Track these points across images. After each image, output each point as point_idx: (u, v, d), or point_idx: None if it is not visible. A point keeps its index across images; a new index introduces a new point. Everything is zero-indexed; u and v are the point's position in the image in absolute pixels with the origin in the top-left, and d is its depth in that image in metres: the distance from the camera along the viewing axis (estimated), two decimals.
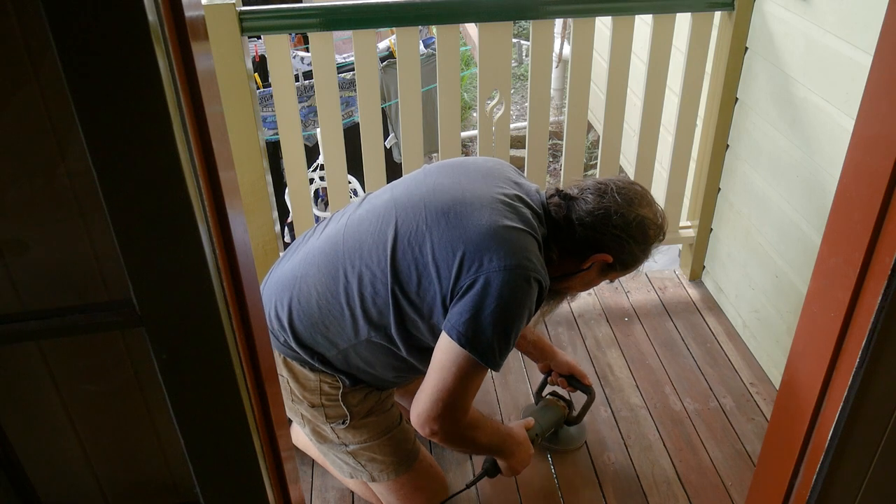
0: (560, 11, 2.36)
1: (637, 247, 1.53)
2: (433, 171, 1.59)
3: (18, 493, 0.98)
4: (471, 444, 1.57)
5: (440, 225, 1.43)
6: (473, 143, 5.07)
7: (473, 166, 1.59)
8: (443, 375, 1.40)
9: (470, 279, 1.37)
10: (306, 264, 1.55)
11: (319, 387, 1.58)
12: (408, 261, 1.44)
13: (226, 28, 1.93)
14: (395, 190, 1.57)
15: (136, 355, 0.89)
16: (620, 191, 1.52)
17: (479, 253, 1.38)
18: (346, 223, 1.56)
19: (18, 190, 0.75)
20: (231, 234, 0.82)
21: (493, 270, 1.36)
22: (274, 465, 1.02)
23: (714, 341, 2.38)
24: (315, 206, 3.26)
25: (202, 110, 0.74)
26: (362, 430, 1.63)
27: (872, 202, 0.99)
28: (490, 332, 1.36)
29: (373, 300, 1.47)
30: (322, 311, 1.51)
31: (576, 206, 1.53)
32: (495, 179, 1.53)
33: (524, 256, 1.39)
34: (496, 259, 1.37)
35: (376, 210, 1.54)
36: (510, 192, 1.50)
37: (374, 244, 1.48)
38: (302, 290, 1.53)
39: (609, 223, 1.50)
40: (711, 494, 1.86)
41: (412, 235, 1.45)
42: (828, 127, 1.81)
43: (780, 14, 1.99)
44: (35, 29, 0.66)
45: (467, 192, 1.48)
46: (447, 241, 1.41)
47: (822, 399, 1.17)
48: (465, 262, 1.39)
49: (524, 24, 5.05)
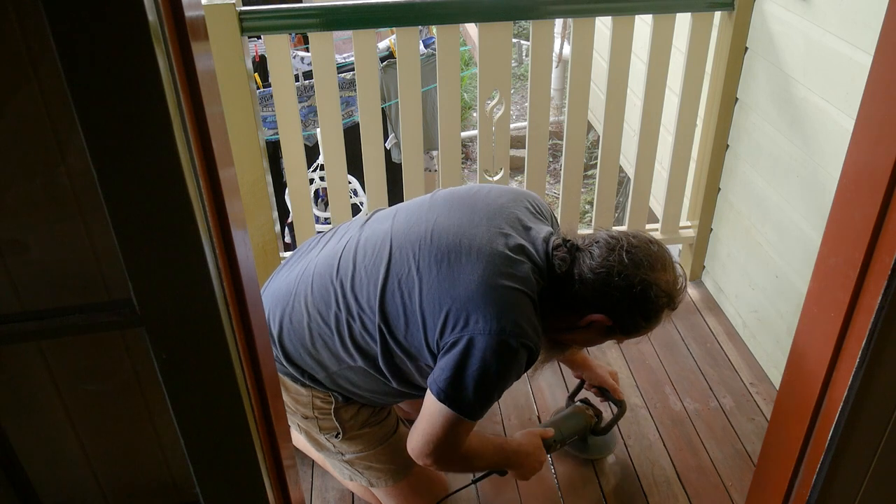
0: (560, 11, 2.36)
1: (639, 313, 1.40)
2: (439, 204, 1.51)
3: (18, 493, 0.98)
4: (470, 468, 1.56)
5: (431, 273, 1.38)
6: (473, 143, 5.07)
7: (482, 204, 1.49)
8: (430, 422, 1.39)
9: (454, 337, 1.33)
10: (301, 282, 1.52)
11: (311, 401, 1.57)
12: (396, 304, 1.40)
13: (226, 28, 1.93)
14: (397, 219, 1.51)
15: (136, 355, 0.89)
16: (631, 249, 1.39)
17: (466, 311, 1.32)
18: (344, 246, 1.52)
19: (18, 190, 0.75)
20: (231, 235, 0.82)
21: (478, 332, 1.31)
22: (274, 465, 1.02)
23: (714, 341, 2.37)
24: (315, 206, 3.26)
25: (202, 110, 0.74)
26: (357, 441, 1.62)
27: (872, 202, 0.99)
28: (471, 393, 1.33)
29: (361, 333, 1.44)
30: (313, 334, 1.48)
31: (580, 260, 1.42)
32: (501, 223, 1.44)
33: (513, 320, 1.32)
34: (482, 321, 1.31)
35: (373, 239, 1.48)
36: (513, 241, 1.41)
37: (367, 278, 1.43)
38: (295, 309, 1.51)
39: (609, 283, 1.38)
40: (711, 494, 1.86)
41: (403, 278, 1.40)
42: (828, 127, 1.81)
43: (780, 14, 1.99)
44: (35, 29, 0.66)
45: (465, 237, 1.40)
46: (436, 291, 1.36)
47: (822, 399, 1.17)
48: (450, 317, 1.33)
49: (524, 24, 5.05)
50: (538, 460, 1.67)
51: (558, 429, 1.79)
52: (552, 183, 4.79)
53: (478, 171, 2.36)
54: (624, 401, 1.92)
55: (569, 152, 2.37)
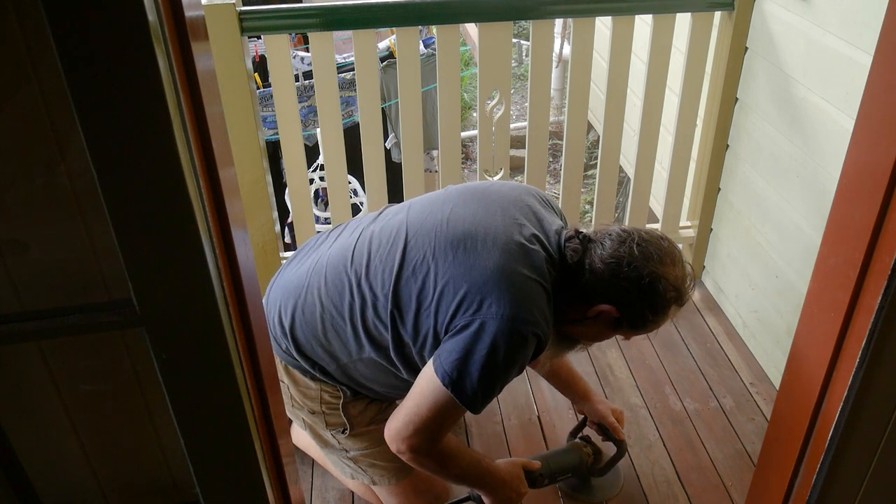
0: (560, 11, 2.36)
1: (646, 306, 1.40)
2: (453, 197, 1.53)
3: (18, 493, 0.98)
4: (441, 472, 1.51)
5: (447, 258, 1.39)
6: (473, 143, 5.07)
7: (496, 195, 1.51)
8: (420, 402, 1.38)
9: (466, 319, 1.33)
10: (314, 274, 1.53)
11: (320, 396, 1.58)
12: (409, 290, 1.40)
13: (226, 28, 1.93)
14: (412, 211, 1.52)
15: (136, 355, 0.89)
16: (642, 242, 1.41)
17: (481, 294, 1.33)
18: (358, 237, 1.53)
19: (18, 190, 0.75)
20: (231, 234, 0.82)
21: (490, 316, 1.32)
22: (274, 465, 1.02)
23: (714, 341, 2.38)
24: (315, 206, 3.26)
25: (202, 110, 0.74)
26: (363, 438, 1.63)
27: (872, 202, 0.99)
28: (475, 379, 1.32)
29: (374, 322, 1.44)
30: (325, 325, 1.49)
31: (591, 251, 1.43)
32: (516, 213, 1.46)
33: (526, 308, 1.33)
34: (496, 305, 1.32)
35: (388, 230, 1.49)
36: (528, 231, 1.43)
37: (381, 266, 1.45)
38: (307, 301, 1.51)
39: (619, 274, 1.38)
40: (711, 494, 1.86)
41: (418, 265, 1.41)
42: (828, 127, 1.81)
43: (780, 14, 1.99)
44: (35, 29, 0.66)
45: (481, 226, 1.42)
46: (451, 276, 1.37)
47: (822, 399, 1.17)
48: (465, 301, 1.34)
49: (524, 24, 5.05)
50: (515, 490, 1.60)
51: (546, 462, 1.71)
52: (552, 183, 4.79)
53: (478, 171, 2.36)
54: (625, 441, 1.82)
55: (569, 152, 2.37)
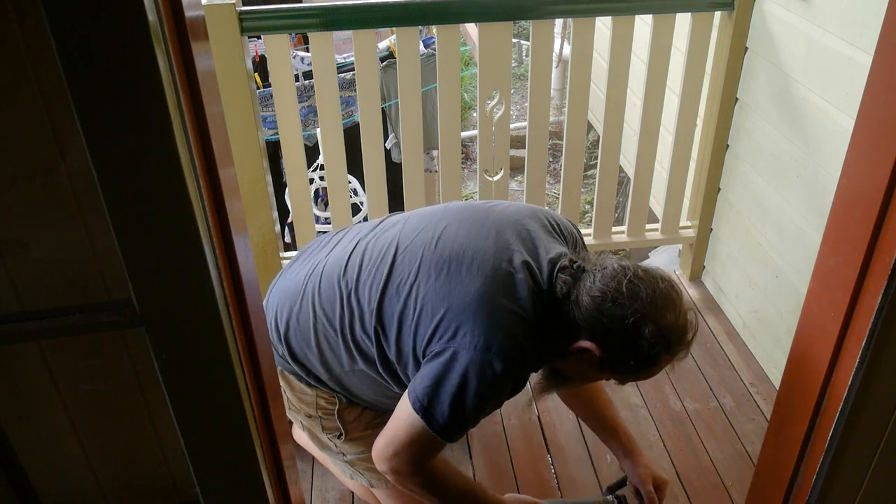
0: (560, 11, 2.37)
1: (629, 349, 1.27)
2: (450, 214, 1.49)
3: (18, 493, 0.98)
4: (428, 497, 1.46)
5: (430, 279, 1.36)
6: (473, 143, 5.07)
7: (496, 217, 1.45)
8: (398, 425, 1.36)
9: (441, 346, 1.30)
10: (310, 282, 1.52)
11: (316, 401, 1.57)
12: (392, 308, 1.38)
13: (226, 28, 1.93)
14: (406, 225, 1.50)
15: (136, 355, 0.89)
16: (634, 279, 1.29)
17: (457, 322, 1.29)
18: (354, 247, 1.52)
19: (18, 190, 0.75)
20: (231, 234, 0.82)
21: (464, 346, 1.28)
22: (274, 465, 1.02)
23: (714, 341, 2.37)
24: (315, 206, 3.26)
25: (202, 110, 0.74)
26: (359, 443, 1.62)
27: (872, 202, 0.99)
28: (446, 408, 1.28)
29: (361, 336, 1.44)
30: (318, 336, 1.48)
31: (582, 283, 1.33)
32: (510, 238, 1.40)
33: (499, 340, 1.27)
34: (469, 335, 1.28)
35: (381, 243, 1.48)
36: (518, 258, 1.36)
37: (370, 280, 1.43)
38: (302, 308, 1.51)
39: (602, 310, 1.27)
40: (711, 494, 1.86)
41: (402, 283, 1.39)
42: (828, 127, 1.81)
43: (780, 14, 1.99)
44: (35, 29, 0.66)
45: (470, 249, 1.38)
46: (431, 298, 1.34)
47: (823, 399, 1.17)
48: (440, 325, 1.31)
49: (524, 24, 5.05)
50: None
51: None
52: (552, 183, 4.79)
53: (478, 171, 2.36)
54: None
55: (569, 152, 2.37)
